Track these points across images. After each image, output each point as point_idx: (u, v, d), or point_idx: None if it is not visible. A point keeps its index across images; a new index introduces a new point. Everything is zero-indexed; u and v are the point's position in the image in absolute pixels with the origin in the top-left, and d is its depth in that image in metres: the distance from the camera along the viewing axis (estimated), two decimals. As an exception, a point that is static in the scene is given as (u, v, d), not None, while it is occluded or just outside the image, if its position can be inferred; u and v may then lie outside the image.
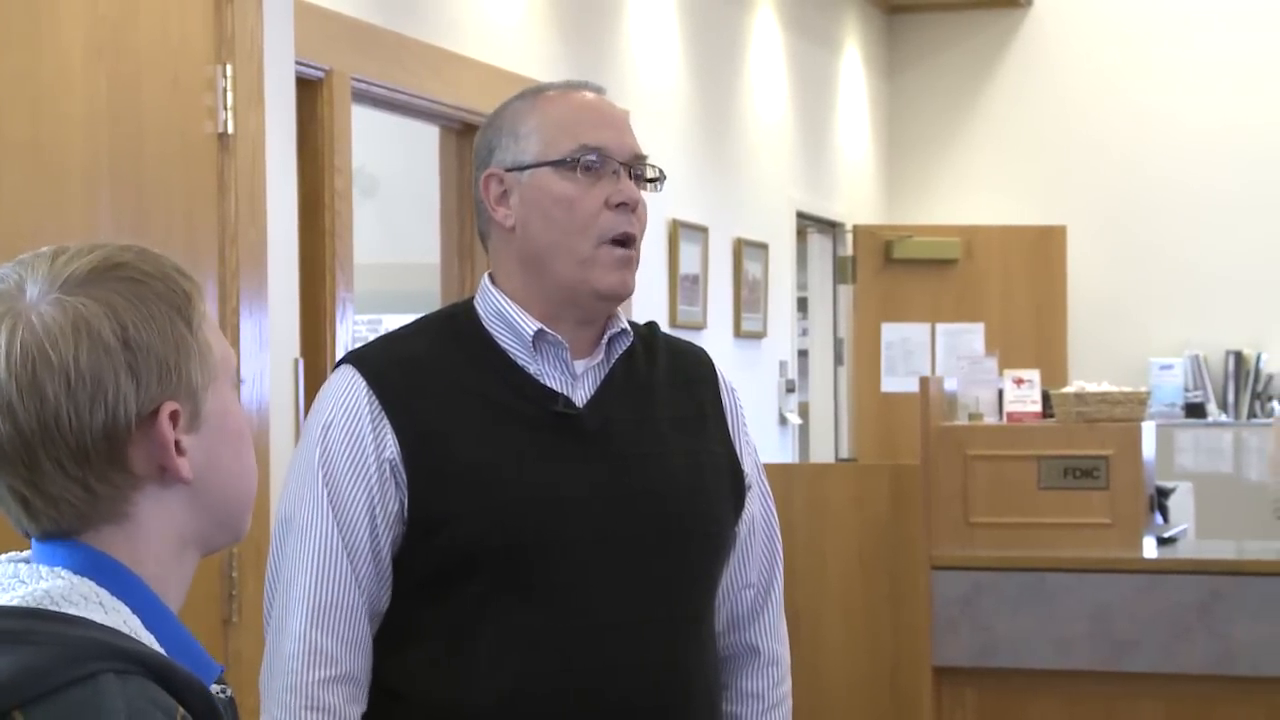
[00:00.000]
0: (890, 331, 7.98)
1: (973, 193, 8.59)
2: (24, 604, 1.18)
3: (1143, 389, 4.96)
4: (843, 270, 8.08)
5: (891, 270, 7.99)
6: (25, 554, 1.27)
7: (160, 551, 1.25)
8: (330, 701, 1.92)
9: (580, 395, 2.00)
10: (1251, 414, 8.02)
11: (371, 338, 2.20)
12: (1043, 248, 8.06)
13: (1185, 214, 8.23)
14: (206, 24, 3.00)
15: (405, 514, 1.95)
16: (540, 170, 1.99)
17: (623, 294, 2.00)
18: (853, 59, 8.33)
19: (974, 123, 8.64)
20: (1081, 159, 8.39)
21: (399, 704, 1.96)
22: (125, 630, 1.20)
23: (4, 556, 1.27)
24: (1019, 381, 4.95)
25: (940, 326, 7.96)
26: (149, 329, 1.22)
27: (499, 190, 2.01)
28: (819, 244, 8.07)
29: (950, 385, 5.03)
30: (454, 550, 1.94)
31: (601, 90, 2.08)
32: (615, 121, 2.04)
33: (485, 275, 2.07)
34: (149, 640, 1.21)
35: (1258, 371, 8.09)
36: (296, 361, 3.33)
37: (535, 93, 2.06)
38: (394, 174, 6.35)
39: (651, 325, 2.12)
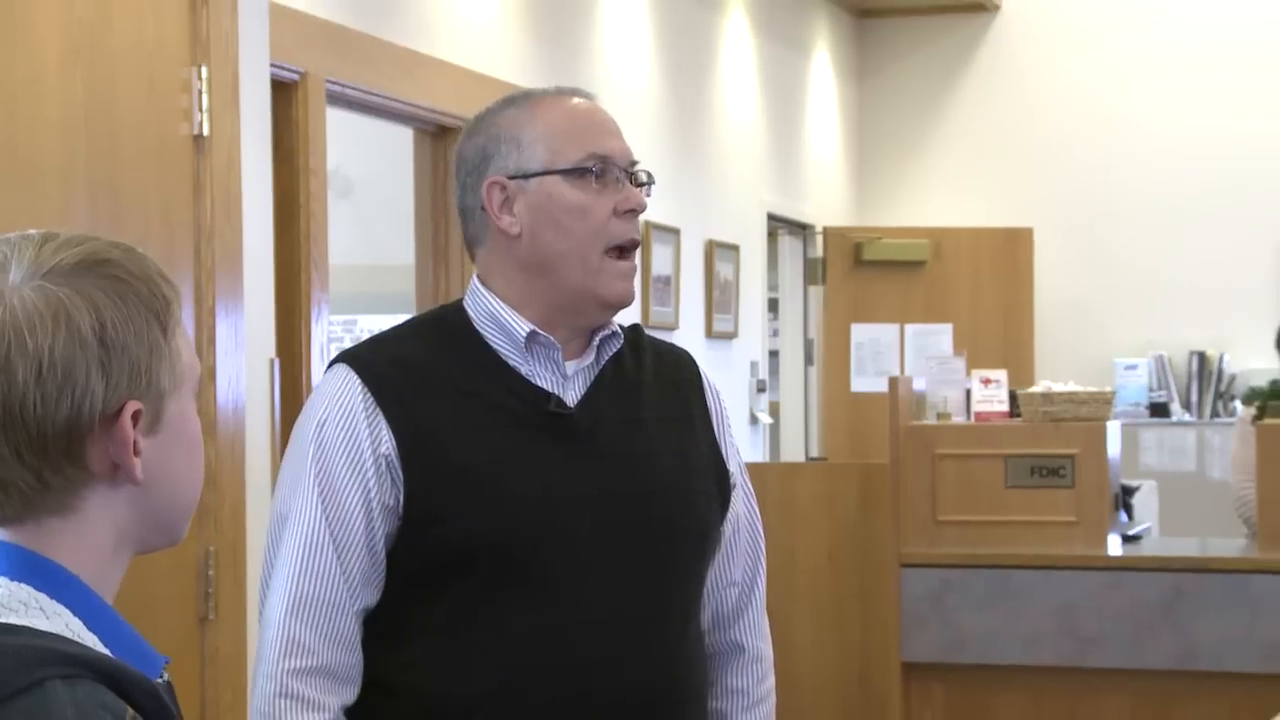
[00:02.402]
0: (859, 332, 7.99)
1: (941, 195, 8.61)
2: None
3: (1108, 389, 4.97)
4: (813, 271, 8.09)
5: (861, 271, 8.01)
6: None
7: (101, 549, 1.24)
8: (302, 691, 1.92)
9: (571, 395, 2.01)
10: (1214, 414, 8.06)
11: (347, 338, 2.21)
12: (1010, 250, 8.08)
13: (1151, 217, 8.26)
14: (182, 26, 2.99)
15: (401, 509, 1.95)
16: (549, 179, 2.00)
17: (625, 303, 2.03)
18: (823, 63, 8.35)
19: (942, 126, 8.67)
20: (1048, 162, 8.42)
21: (393, 697, 1.96)
22: (69, 634, 1.18)
23: None
24: (986, 381, 4.96)
25: (909, 327, 7.98)
26: (126, 329, 1.21)
27: (502, 198, 2.01)
28: (789, 245, 8.08)
29: (919, 385, 5.04)
30: (448, 546, 1.94)
31: (593, 97, 2.09)
32: (614, 129, 2.05)
33: (474, 277, 2.07)
34: (92, 641, 1.20)
35: (1220, 372, 8.13)
36: (272, 362, 3.33)
37: (527, 99, 2.05)
38: (368, 176, 6.34)
39: (636, 328, 2.14)
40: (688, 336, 6.54)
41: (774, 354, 7.95)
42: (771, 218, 7.65)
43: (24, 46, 2.67)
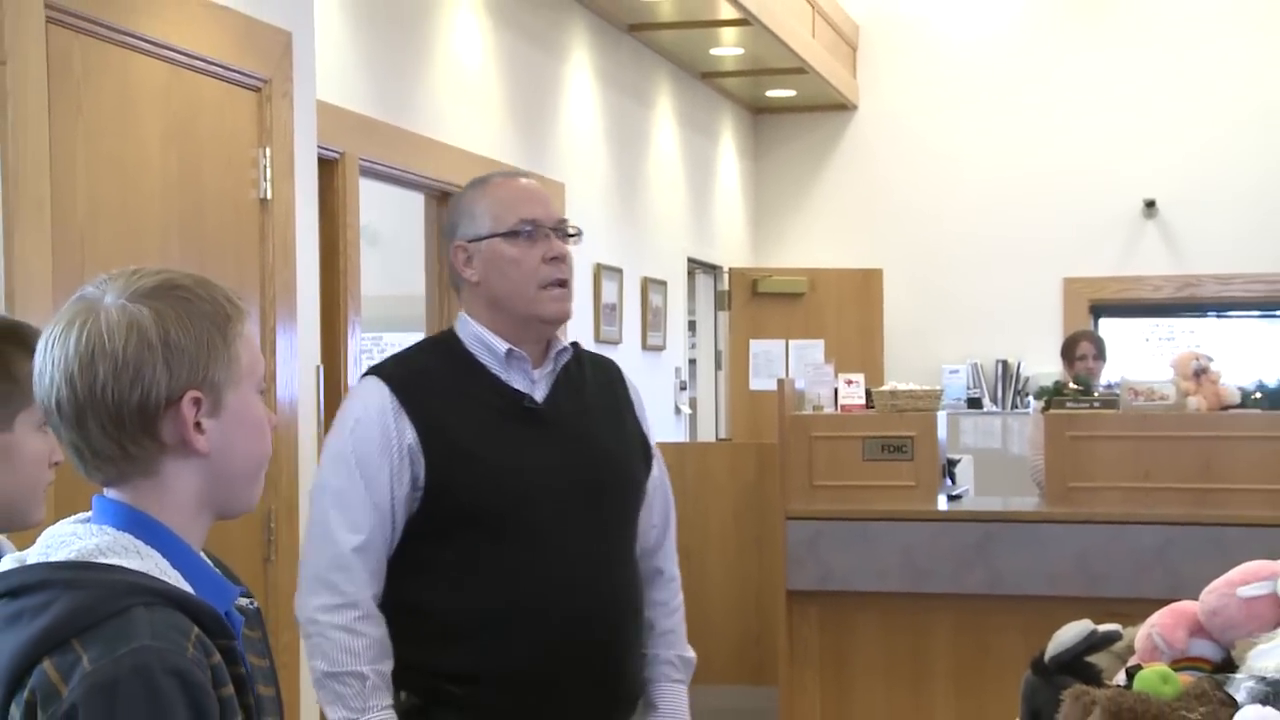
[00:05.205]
0: (756, 346, 8.02)
1: (816, 244, 8.67)
2: (77, 558, 1.19)
3: (937, 388, 5.01)
4: (721, 300, 8.12)
5: (756, 301, 8.04)
6: (86, 514, 1.26)
7: (184, 506, 1.24)
8: (325, 620, 1.96)
9: (539, 394, 2.08)
10: (1014, 406, 8.15)
11: (374, 350, 2.24)
12: (865, 285, 8.14)
13: (969, 260, 8.35)
14: (252, 118, 2.98)
15: (421, 483, 2.00)
16: (494, 240, 2.06)
17: (563, 318, 2.08)
18: (728, 147, 8.38)
19: (816, 193, 8.73)
20: (893, 221, 8.49)
21: (418, 615, 2.00)
22: (155, 572, 1.19)
23: (72, 519, 1.26)
24: (849, 382, 4.99)
25: (792, 342, 8.02)
26: (187, 335, 1.21)
27: (464, 256, 2.09)
28: (704, 281, 8.10)
29: (799, 385, 5.07)
30: (456, 508, 1.99)
31: (529, 175, 2.17)
32: (543, 198, 2.11)
33: (461, 311, 2.13)
34: (176, 577, 1.21)
35: (1019, 375, 8.22)
36: (318, 368, 3.32)
37: (483, 181, 2.13)
38: (391, 229, 6.31)
39: (575, 344, 2.19)
40: (628, 348, 6.55)
41: (693, 362, 7.97)
42: (690, 260, 7.68)
43: (133, 134, 2.66)
